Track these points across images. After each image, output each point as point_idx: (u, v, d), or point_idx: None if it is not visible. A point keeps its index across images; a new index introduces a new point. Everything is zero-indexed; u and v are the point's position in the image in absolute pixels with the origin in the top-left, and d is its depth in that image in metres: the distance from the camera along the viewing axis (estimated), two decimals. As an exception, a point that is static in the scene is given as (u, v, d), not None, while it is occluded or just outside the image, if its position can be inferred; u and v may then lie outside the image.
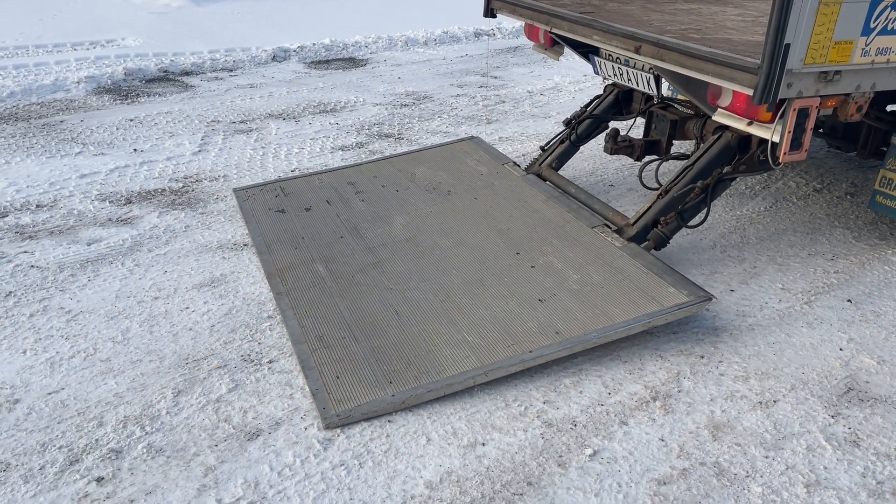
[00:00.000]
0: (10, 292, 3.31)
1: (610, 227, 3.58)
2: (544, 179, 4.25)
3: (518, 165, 4.41)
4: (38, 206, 4.20)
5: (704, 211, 3.50)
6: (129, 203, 4.27)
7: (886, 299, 3.38)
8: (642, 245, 3.46)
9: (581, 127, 4.40)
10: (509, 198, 4.02)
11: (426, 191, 4.20)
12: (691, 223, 3.54)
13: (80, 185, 4.48)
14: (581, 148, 4.55)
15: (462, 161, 4.56)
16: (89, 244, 3.77)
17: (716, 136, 3.47)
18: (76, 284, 3.39)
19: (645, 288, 3.10)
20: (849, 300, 3.37)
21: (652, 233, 3.49)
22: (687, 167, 3.52)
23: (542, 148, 4.59)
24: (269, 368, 2.82)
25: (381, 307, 3.14)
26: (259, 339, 3.00)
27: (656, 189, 3.67)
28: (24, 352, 2.90)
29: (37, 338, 2.99)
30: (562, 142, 4.46)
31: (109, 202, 4.28)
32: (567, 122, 4.48)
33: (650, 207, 3.54)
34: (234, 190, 4.39)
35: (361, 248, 3.62)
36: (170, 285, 3.40)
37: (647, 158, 4.06)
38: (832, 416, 2.63)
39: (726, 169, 3.43)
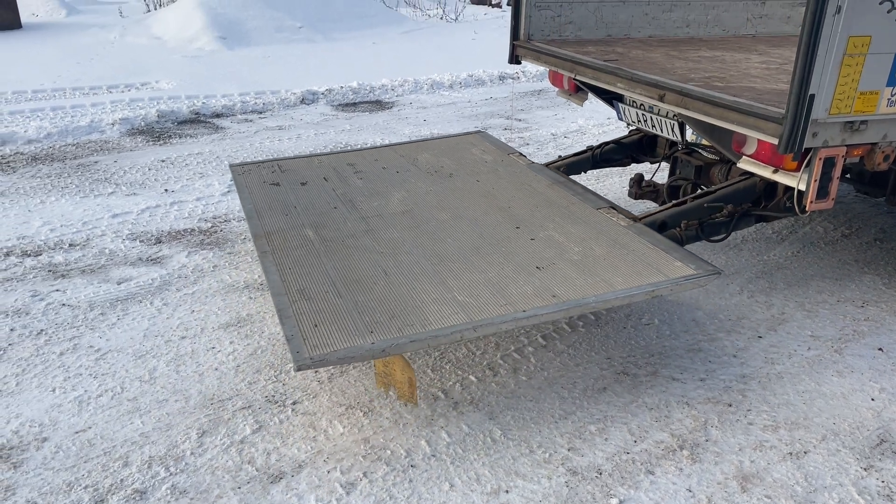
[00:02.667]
0: (42, 330, 3.37)
1: (616, 210, 3.54)
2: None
3: (524, 156, 4.40)
4: (71, 245, 4.29)
5: (723, 234, 3.49)
6: (159, 243, 4.35)
7: (919, 349, 3.32)
8: None
9: (604, 150, 4.43)
10: (513, 181, 3.98)
11: (427, 173, 4.16)
12: (710, 238, 3.52)
13: (112, 225, 4.58)
14: (604, 193, 4.57)
15: (467, 150, 4.56)
16: (119, 283, 3.83)
17: (743, 176, 3.47)
18: (106, 323, 3.44)
19: (650, 261, 3.01)
20: (880, 348, 3.31)
21: (669, 231, 3.44)
22: (709, 191, 3.52)
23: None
24: (292, 410, 2.83)
25: (369, 267, 3.05)
26: (283, 380, 3.02)
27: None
28: (54, 390, 2.94)
29: (66, 376, 3.03)
30: (578, 154, 4.49)
31: (140, 242, 4.36)
32: (590, 147, 4.52)
33: (662, 211, 3.50)
34: (231, 165, 4.39)
35: (354, 218, 3.56)
36: (197, 325, 3.45)
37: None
38: (865, 469, 2.57)
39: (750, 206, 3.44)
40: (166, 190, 5.24)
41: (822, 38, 2.49)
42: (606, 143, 4.48)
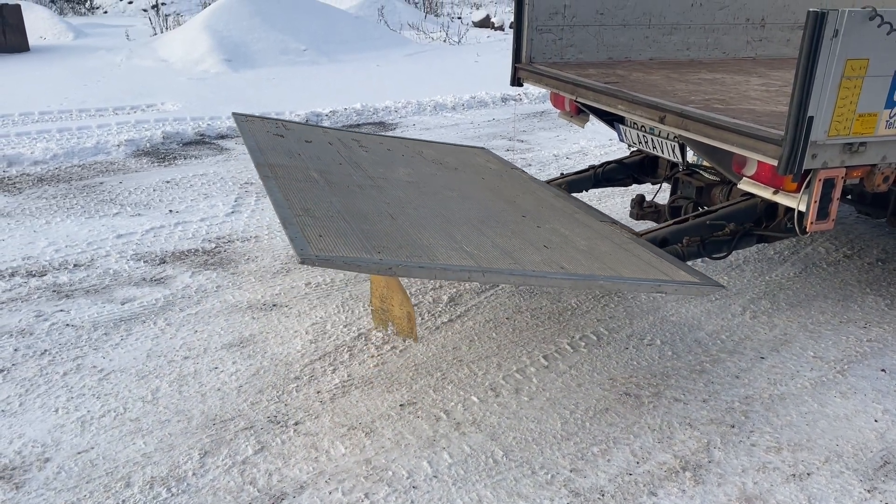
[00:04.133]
0: (46, 350, 3.38)
1: (618, 225, 3.53)
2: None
3: (526, 173, 4.42)
4: (75, 265, 4.32)
5: (725, 252, 3.49)
6: (163, 263, 4.38)
7: (922, 370, 3.31)
8: None
9: (606, 168, 4.45)
10: (517, 185, 3.96)
11: (433, 162, 4.10)
12: (712, 255, 3.53)
13: (117, 245, 4.61)
14: (607, 212, 4.58)
15: (471, 157, 4.56)
16: (123, 303, 3.85)
17: (744, 196, 3.49)
18: (109, 343, 3.45)
19: (654, 265, 2.99)
20: (883, 370, 3.31)
21: (670, 247, 3.45)
22: (711, 210, 3.53)
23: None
24: (294, 430, 2.83)
25: (375, 210, 2.92)
26: (286, 401, 3.02)
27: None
28: (57, 410, 2.94)
29: (69, 396, 3.04)
30: (580, 172, 4.51)
31: (144, 262, 4.38)
32: (592, 166, 4.55)
33: (663, 227, 3.51)
34: (234, 114, 4.26)
35: (360, 175, 3.42)
36: (200, 345, 3.46)
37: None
38: (868, 491, 2.55)
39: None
40: (171, 210, 5.27)
41: (819, 61, 2.52)
42: (608, 163, 4.51)
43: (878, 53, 2.60)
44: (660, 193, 4.62)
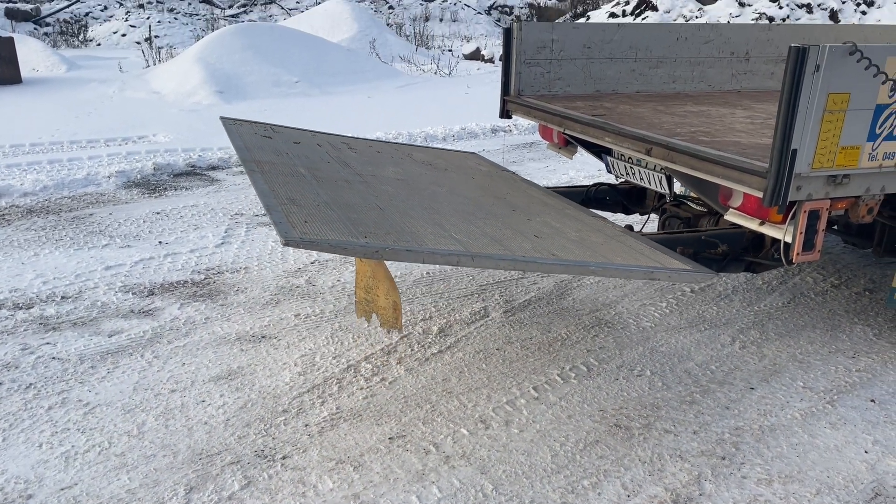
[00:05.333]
0: (31, 384, 3.35)
1: (608, 221, 3.55)
2: None
3: (518, 175, 4.45)
4: (63, 297, 4.29)
5: (715, 269, 3.51)
6: (152, 295, 4.35)
7: (911, 400, 3.32)
8: None
9: (598, 189, 4.47)
10: (508, 185, 3.96)
11: (422, 163, 4.11)
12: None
13: (105, 277, 4.59)
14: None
15: (462, 160, 4.58)
16: (110, 336, 3.82)
17: (732, 226, 3.52)
18: (95, 377, 3.42)
19: (647, 254, 2.97)
20: (872, 400, 3.31)
21: None
22: (706, 229, 3.56)
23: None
24: (282, 465, 2.80)
25: (363, 201, 2.89)
26: (273, 434, 2.99)
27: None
28: (41, 445, 2.90)
29: (53, 431, 3.00)
30: (571, 187, 4.55)
31: (132, 294, 4.36)
32: (583, 185, 4.60)
33: (658, 234, 3.53)
34: (222, 118, 4.23)
35: (349, 172, 3.41)
36: (187, 378, 3.43)
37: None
38: (860, 524, 2.54)
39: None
40: (160, 242, 5.26)
41: (802, 95, 2.56)
42: (601, 184, 4.53)
43: (859, 87, 2.64)
44: (648, 224, 4.65)
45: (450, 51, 18.71)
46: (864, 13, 15.97)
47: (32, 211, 5.90)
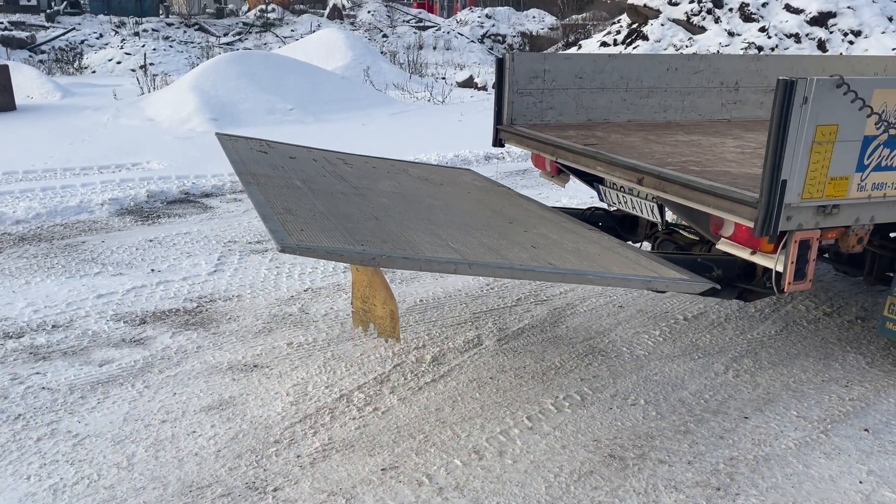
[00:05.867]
0: (20, 415, 3.31)
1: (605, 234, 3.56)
2: None
3: (514, 191, 4.48)
4: (53, 326, 4.26)
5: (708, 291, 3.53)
6: (144, 323, 4.33)
7: (905, 429, 3.32)
8: None
9: (594, 213, 4.48)
10: (504, 199, 3.98)
11: (418, 178, 4.12)
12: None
13: (97, 306, 4.56)
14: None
15: (458, 175, 4.60)
16: (101, 365, 3.79)
17: (724, 254, 3.53)
18: (85, 407, 3.38)
19: (644, 264, 2.97)
20: (866, 429, 3.30)
21: None
22: (702, 254, 3.57)
23: None
24: (273, 497, 2.77)
25: (359, 212, 2.88)
26: (264, 466, 2.96)
27: None
28: (29, 478, 2.86)
29: (42, 463, 2.96)
30: (567, 209, 4.57)
31: (124, 322, 4.34)
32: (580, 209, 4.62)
33: (652, 253, 3.54)
34: (217, 134, 4.25)
35: (344, 185, 3.41)
36: (178, 408, 3.40)
37: None
38: (856, 556, 2.52)
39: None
40: (153, 270, 5.25)
41: (791, 126, 2.60)
42: (597, 208, 4.54)
43: (846, 119, 2.68)
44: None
45: (443, 78, 18.87)
46: (851, 43, 16.22)
47: (24, 239, 5.89)
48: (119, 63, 21.55)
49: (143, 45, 22.85)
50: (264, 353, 3.98)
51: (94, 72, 20.82)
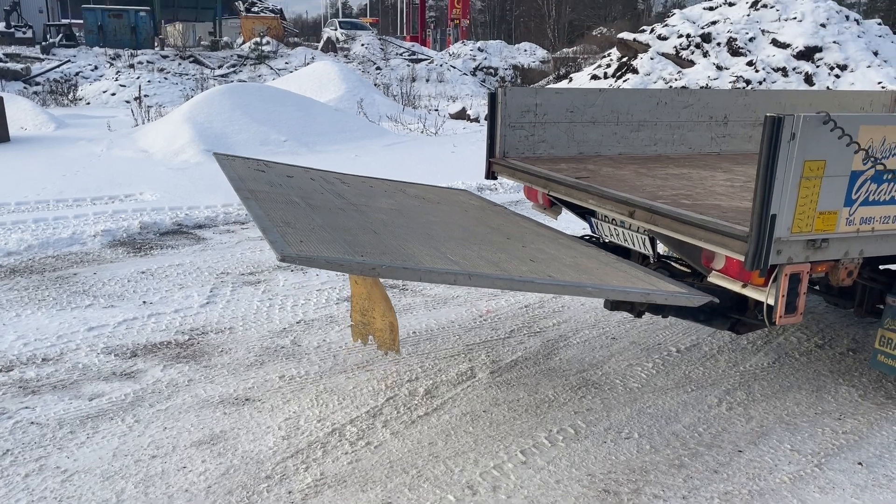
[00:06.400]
0: (8, 450, 3.27)
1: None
2: None
3: (510, 210, 4.50)
4: (43, 359, 4.23)
5: (703, 318, 3.53)
6: (134, 356, 4.30)
7: (898, 462, 3.31)
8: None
9: (588, 241, 4.49)
10: (500, 216, 4.02)
11: (415, 197, 4.15)
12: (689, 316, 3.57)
13: (88, 339, 4.53)
14: (581, 302, 4.63)
15: (454, 195, 4.65)
16: (91, 399, 3.76)
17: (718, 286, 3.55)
18: (74, 442, 3.35)
19: (642, 278, 2.99)
20: (860, 463, 3.30)
21: None
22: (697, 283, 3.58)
23: None
24: (264, 535, 2.73)
25: (358, 226, 2.89)
26: (255, 502, 2.92)
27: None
28: (15, 515, 2.82)
29: (29, 500, 2.91)
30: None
31: (115, 355, 4.31)
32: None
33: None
34: (215, 154, 4.27)
35: (342, 203, 3.42)
36: (168, 443, 3.36)
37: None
38: (853, 593, 2.50)
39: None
40: (144, 302, 5.23)
41: (779, 162, 2.64)
42: (592, 236, 4.56)
43: (833, 155, 2.72)
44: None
45: (436, 110, 19.04)
46: (837, 77, 16.50)
47: (16, 271, 5.86)
48: (114, 95, 21.67)
49: (138, 77, 23.00)
50: (256, 386, 3.95)
51: (88, 103, 20.92)
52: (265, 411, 3.67)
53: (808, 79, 16.63)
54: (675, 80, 17.51)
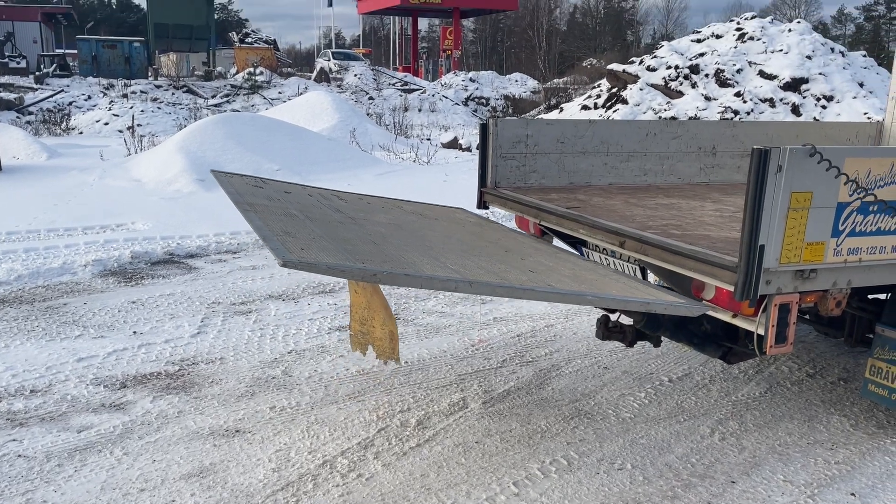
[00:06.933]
0: (-7, 484, 3.22)
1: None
2: None
3: (506, 227, 4.53)
4: (32, 391, 4.19)
5: (697, 342, 3.53)
6: (124, 387, 4.27)
7: (890, 493, 3.30)
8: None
9: None
10: (498, 232, 4.05)
11: (412, 213, 4.17)
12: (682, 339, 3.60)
13: (77, 370, 4.50)
14: (573, 332, 4.64)
15: (451, 213, 4.68)
16: (80, 431, 3.72)
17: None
18: (62, 476, 3.30)
19: (641, 289, 3.01)
20: (852, 493, 3.29)
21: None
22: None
23: None
24: (254, 570, 2.69)
25: (357, 237, 2.89)
26: (246, 537, 2.89)
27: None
28: (0, 551, 2.77)
29: (14, 535, 2.87)
30: None
31: (104, 387, 4.27)
32: None
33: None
34: (213, 171, 4.29)
35: (341, 216, 3.44)
36: (157, 476, 3.32)
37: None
38: None
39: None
40: (135, 332, 5.20)
41: (766, 193, 2.67)
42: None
43: (820, 187, 2.76)
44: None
45: (428, 139, 19.18)
46: (824, 107, 16.74)
47: (5, 301, 5.82)
48: (107, 124, 21.72)
49: (132, 107, 23.10)
50: (246, 417, 3.92)
51: (81, 133, 20.96)
52: (255, 443, 3.64)
53: (796, 109, 16.87)
54: (665, 110, 17.72)
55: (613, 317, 4.38)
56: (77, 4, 67.37)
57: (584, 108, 19.81)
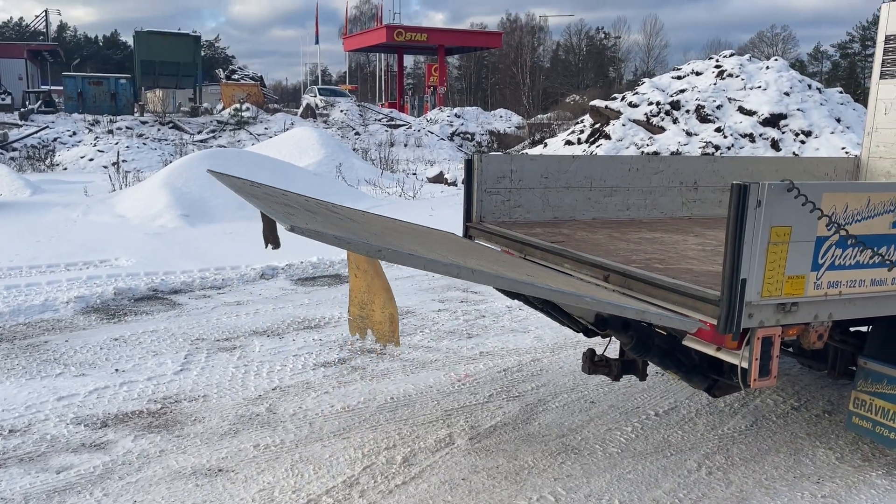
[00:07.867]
0: (-32, 528, 3.15)
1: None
2: None
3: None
4: (10, 431, 4.11)
5: (684, 371, 3.53)
6: (105, 426, 4.20)
7: (878, 526, 3.30)
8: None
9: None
10: (491, 251, 4.08)
11: (406, 227, 4.20)
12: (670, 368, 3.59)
13: (57, 409, 4.43)
14: (559, 366, 4.64)
15: (443, 235, 4.67)
16: (59, 472, 3.65)
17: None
18: (39, 518, 3.23)
19: (635, 302, 3.02)
20: (840, 527, 3.28)
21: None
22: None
23: None
24: None
25: (358, 229, 2.91)
26: (228, 579, 2.83)
27: None
28: None
29: (-11, 581, 2.80)
30: None
31: (84, 426, 4.20)
32: None
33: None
34: (209, 171, 4.27)
35: (337, 217, 3.46)
36: (138, 517, 3.26)
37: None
38: None
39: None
40: (117, 370, 5.13)
41: (746, 228, 2.71)
42: None
43: (799, 221, 2.80)
44: (610, 348, 4.70)
45: (414, 174, 19.29)
46: (802, 142, 17.05)
47: (-15, 338, 5.75)
48: (91, 160, 21.68)
49: (117, 143, 23.10)
50: (230, 456, 3.87)
51: (65, 169, 20.90)
52: (239, 482, 3.59)
53: (775, 144, 17.17)
54: (647, 145, 17.98)
55: (599, 350, 4.38)
56: (63, 42, 67.74)
57: (568, 143, 20.06)
